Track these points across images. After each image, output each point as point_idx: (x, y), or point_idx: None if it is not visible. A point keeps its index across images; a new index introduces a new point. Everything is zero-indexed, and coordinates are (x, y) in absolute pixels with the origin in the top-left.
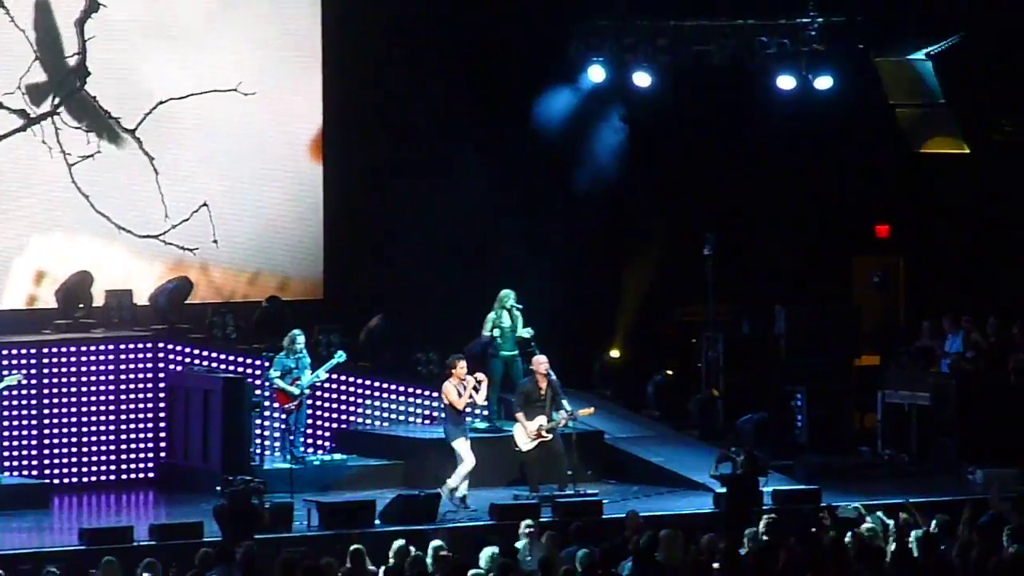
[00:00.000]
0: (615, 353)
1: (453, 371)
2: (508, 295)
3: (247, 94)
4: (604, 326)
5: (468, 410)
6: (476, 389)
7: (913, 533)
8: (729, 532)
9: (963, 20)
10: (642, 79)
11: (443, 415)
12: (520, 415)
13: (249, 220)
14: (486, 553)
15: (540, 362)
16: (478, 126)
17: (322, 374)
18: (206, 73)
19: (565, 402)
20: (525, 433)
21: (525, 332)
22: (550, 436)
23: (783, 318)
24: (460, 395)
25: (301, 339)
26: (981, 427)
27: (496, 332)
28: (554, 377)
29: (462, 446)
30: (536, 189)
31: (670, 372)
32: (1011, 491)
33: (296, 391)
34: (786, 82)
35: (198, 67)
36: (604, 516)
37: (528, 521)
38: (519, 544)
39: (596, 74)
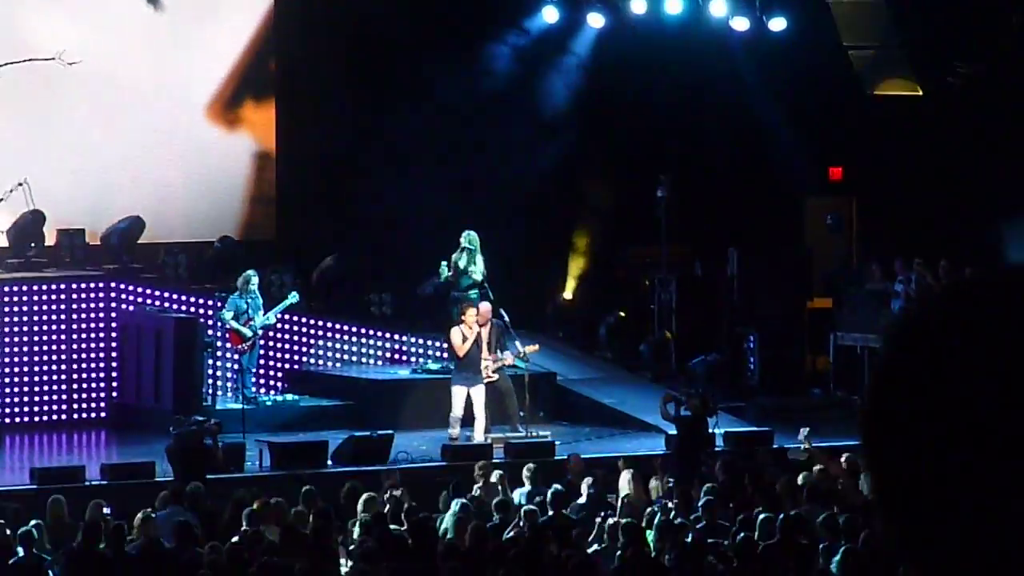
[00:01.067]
0: (568, 295)
1: (463, 317)
2: (468, 236)
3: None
4: (556, 268)
5: (485, 360)
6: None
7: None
8: (681, 473)
9: None
10: (595, 20)
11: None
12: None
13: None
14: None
15: (484, 309)
16: (430, 66)
17: (274, 316)
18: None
19: (516, 343)
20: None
21: (478, 272)
22: (496, 377)
23: (735, 260)
24: (464, 340)
25: (255, 280)
26: None
27: (452, 272)
28: (505, 319)
29: (456, 392)
30: (488, 131)
31: (623, 314)
32: None
33: (249, 332)
34: (740, 23)
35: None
36: (556, 457)
37: (481, 463)
38: (475, 488)
39: (550, 15)
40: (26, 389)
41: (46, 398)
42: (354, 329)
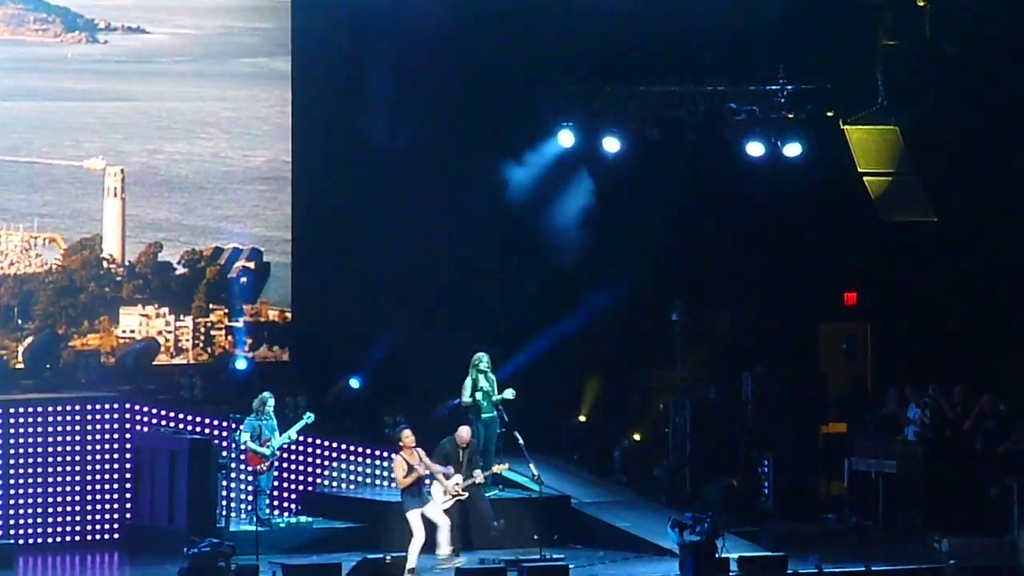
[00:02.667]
0: (582, 418)
1: (400, 442)
2: (482, 358)
3: None
4: (572, 391)
5: (428, 482)
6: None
7: None
8: None
9: (930, 89)
10: (611, 144)
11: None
12: (439, 474)
13: None
14: None
15: (461, 433)
16: (450, 188)
17: (293, 434)
18: None
19: (530, 466)
20: (442, 491)
21: (508, 393)
22: (466, 495)
23: (750, 384)
24: (410, 469)
25: (271, 401)
26: (947, 495)
27: (479, 395)
28: (520, 441)
29: (413, 517)
30: (505, 252)
31: (637, 438)
32: (974, 561)
33: (268, 452)
34: (755, 148)
35: None
36: None
37: None
38: None
39: (566, 139)
40: (40, 509)
41: (60, 519)
42: (368, 451)
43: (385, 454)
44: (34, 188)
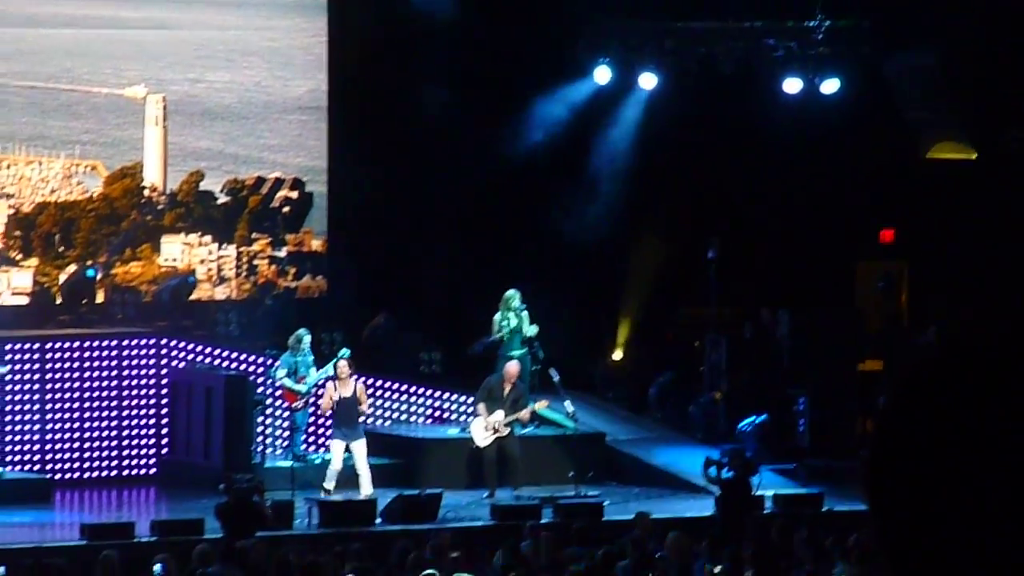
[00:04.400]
0: (617, 356)
1: (336, 371)
2: (513, 296)
3: None
4: (606, 328)
5: (368, 413)
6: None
7: None
8: (727, 534)
9: (971, 24)
10: (648, 80)
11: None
12: (481, 406)
13: None
14: None
15: (510, 369)
16: (485, 125)
17: (330, 370)
18: None
19: (566, 403)
20: (483, 426)
21: (530, 330)
22: (507, 431)
23: (786, 322)
24: (332, 398)
25: (307, 339)
26: None
27: (504, 333)
28: (556, 378)
29: (333, 446)
30: (543, 189)
31: (672, 375)
32: None
33: (303, 389)
34: (793, 85)
35: None
36: (605, 518)
37: (530, 523)
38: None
39: (602, 75)
40: (77, 445)
41: (96, 454)
42: (403, 387)
43: (421, 390)
44: (75, 116)
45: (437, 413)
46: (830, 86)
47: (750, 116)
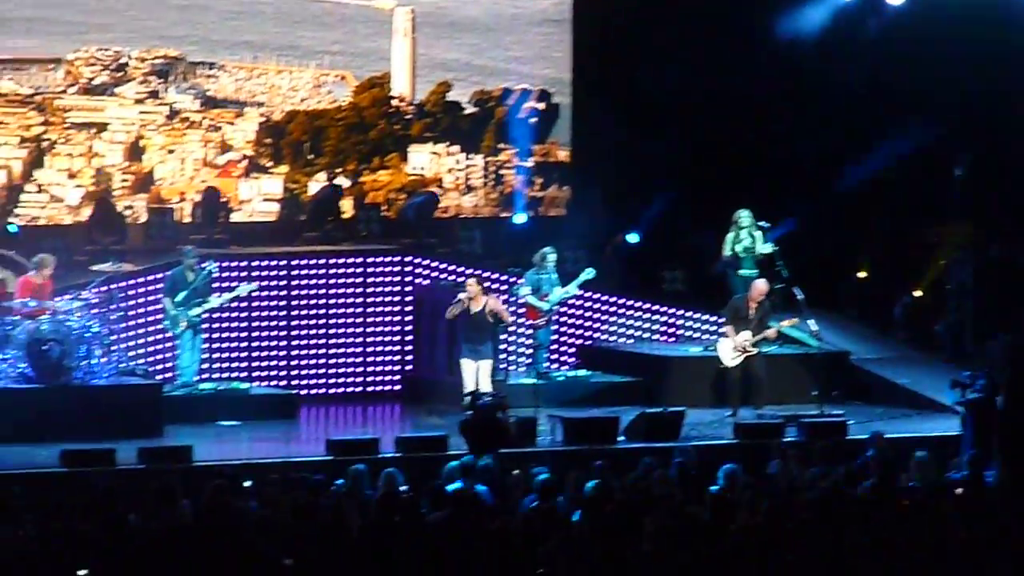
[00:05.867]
0: (863, 274)
1: (468, 287)
2: (742, 215)
3: None
4: (851, 246)
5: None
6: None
7: None
8: (975, 454)
9: None
10: None
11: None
12: (729, 328)
13: None
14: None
15: (757, 287)
16: (731, 35)
17: (573, 289)
18: None
19: (809, 323)
20: (731, 346)
21: (764, 248)
22: (755, 351)
23: None
24: (454, 309)
25: (552, 256)
26: None
27: (737, 252)
28: (800, 296)
29: (463, 365)
30: (784, 110)
31: (918, 293)
32: None
33: (546, 306)
34: None
35: None
36: (848, 437)
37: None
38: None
39: None
40: (322, 362)
41: (342, 371)
42: (646, 306)
43: (664, 309)
44: (324, 26)
45: (678, 331)
46: None
47: (1001, 33)
